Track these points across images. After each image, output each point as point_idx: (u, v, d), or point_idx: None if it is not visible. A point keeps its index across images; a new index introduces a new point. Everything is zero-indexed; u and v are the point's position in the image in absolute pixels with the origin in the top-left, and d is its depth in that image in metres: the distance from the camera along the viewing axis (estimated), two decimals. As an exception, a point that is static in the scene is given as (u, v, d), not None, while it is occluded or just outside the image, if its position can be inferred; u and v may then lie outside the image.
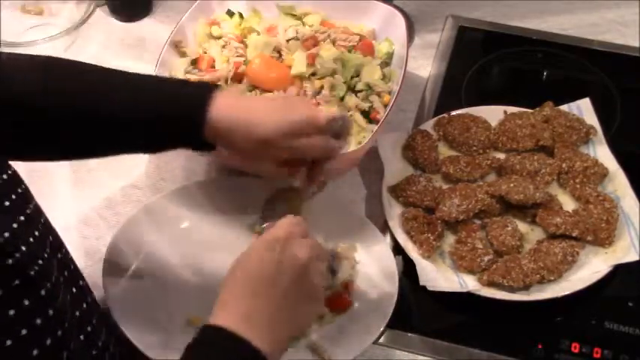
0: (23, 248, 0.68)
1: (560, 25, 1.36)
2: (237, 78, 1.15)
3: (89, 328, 0.78)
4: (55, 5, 1.36)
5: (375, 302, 0.99)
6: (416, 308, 1.02)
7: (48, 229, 0.77)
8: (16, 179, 0.73)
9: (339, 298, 0.99)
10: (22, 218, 0.70)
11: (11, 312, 0.65)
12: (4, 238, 0.66)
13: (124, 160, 1.17)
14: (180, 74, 1.16)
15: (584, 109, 1.17)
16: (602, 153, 1.12)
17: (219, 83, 1.13)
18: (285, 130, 0.86)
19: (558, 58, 1.31)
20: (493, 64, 1.31)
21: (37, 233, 0.72)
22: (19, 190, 0.72)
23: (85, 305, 0.79)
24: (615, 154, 1.12)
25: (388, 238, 1.06)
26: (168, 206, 1.08)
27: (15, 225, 0.69)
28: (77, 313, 0.76)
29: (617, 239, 1.04)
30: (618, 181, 1.09)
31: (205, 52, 1.19)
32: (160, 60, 1.13)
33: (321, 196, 1.09)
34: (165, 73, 1.15)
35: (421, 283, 0.99)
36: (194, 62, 1.18)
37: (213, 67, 1.17)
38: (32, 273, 0.68)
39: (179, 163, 1.17)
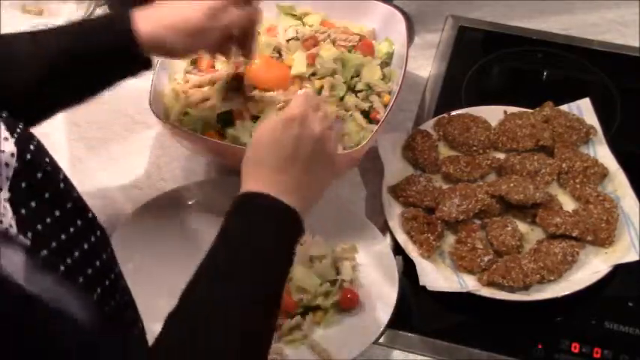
0: None
1: (560, 25, 1.36)
2: (238, 78, 1.14)
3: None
4: (55, 5, 1.36)
5: (375, 302, 0.99)
6: (416, 308, 1.02)
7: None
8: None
9: (345, 298, 0.99)
10: None
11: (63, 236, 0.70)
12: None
13: (124, 160, 1.18)
14: (180, 74, 1.16)
15: (584, 109, 1.17)
16: (602, 153, 1.12)
17: (218, 83, 1.13)
18: (208, 13, 0.92)
19: (558, 58, 1.31)
20: (493, 64, 1.31)
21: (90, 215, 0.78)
22: None
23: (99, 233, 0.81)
24: (615, 154, 1.12)
25: (388, 238, 1.06)
26: (167, 206, 1.08)
27: None
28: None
29: (617, 239, 1.04)
30: (618, 181, 1.09)
31: (205, 52, 1.19)
32: (160, 60, 1.13)
33: (321, 197, 1.09)
34: (165, 73, 1.15)
35: (421, 283, 0.99)
36: (194, 62, 1.18)
37: (213, 67, 1.17)
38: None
39: (179, 163, 1.17)
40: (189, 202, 1.09)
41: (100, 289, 0.73)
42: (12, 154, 0.67)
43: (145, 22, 0.91)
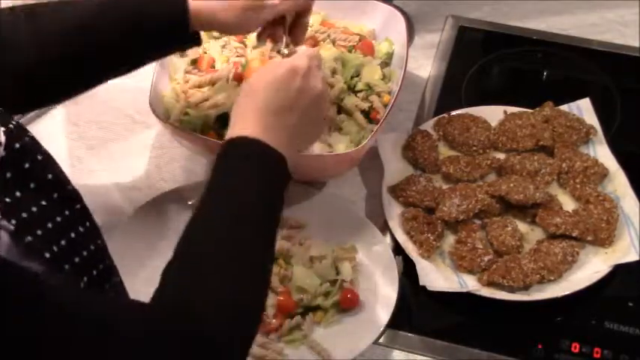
0: None
1: (560, 25, 1.36)
2: (238, 78, 1.14)
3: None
4: (55, 5, 1.36)
5: (375, 302, 0.99)
6: (416, 308, 1.02)
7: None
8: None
9: (345, 298, 0.99)
10: None
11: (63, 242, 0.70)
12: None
13: (124, 160, 1.18)
14: (180, 74, 1.16)
15: (584, 109, 1.17)
16: (602, 153, 1.12)
17: (218, 83, 1.13)
18: None
19: (558, 58, 1.31)
20: (493, 64, 1.31)
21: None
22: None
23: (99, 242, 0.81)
24: (615, 154, 1.12)
25: (388, 238, 1.06)
26: (168, 206, 1.08)
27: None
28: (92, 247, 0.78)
29: (617, 239, 1.04)
30: (618, 181, 1.09)
31: (205, 52, 1.19)
32: (160, 60, 1.13)
33: (321, 196, 1.09)
34: (165, 73, 1.15)
35: (421, 283, 0.99)
36: (194, 62, 1.18)
37: (213, 67, 1.17)
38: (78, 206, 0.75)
39: (179, 163, 1.17)
40: (189, 202, 1.08)
41: (86, 278, 0.72)
42: (0, 144, 0.68)
43: None
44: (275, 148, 0.80)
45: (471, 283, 1.01)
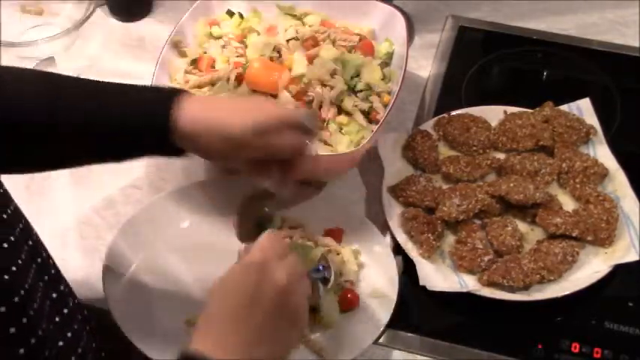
0: None
1: (560, 25, 1.36)
2: (238, 79, 1.14)
3: (69, 334, 0.77)
4: (55, 5, 1.36)
5: (375, 302, 0.99)
6: (416, 308, 1.02)
7: (27, 234, 0.76)
8: None
9: (345, 298, 0.99)
10: None
11: None
12: None
13: (124, 160, 1.18)
14: (180, 74, 1.16)
15: (584, 109, 1.17)
16: (602, 153, 1.12)
17: (218, 83, 1.13)
18: (257, 129, 0.84)
19: (558, 58, 1.31)
20: (493, 64, 1.31)
21: (12, 239, 0.71)
22: None
23: (65, 311, 0.78)
24: (615, 154, 1.12)
25: (388, 238, 1.06)
26: (169, 206, 1.08)
27: None
28: (57, 319, 0.75)
29: (617, 239, 1.04)
30: (618, 181, 1.09)
31: (205, 52, 1.19)
32: (160, 60, 1.13)
33: (321, 196, 1.09)
34: (165, 73, 1.15)
35: (421, 283, 0.99)
36: (194, 62, 1.18)
37: (213, 67, 1.17)
38: (6, 277, 0.66)
39: (179, 164, 1.17)
40: (190, 202, 1.08)
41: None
42: None
43: (189, 112, 0.83)
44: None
45: (471, 283, 1.01)
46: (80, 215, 1.12)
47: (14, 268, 0.68)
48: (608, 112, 1.20)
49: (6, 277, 0.67)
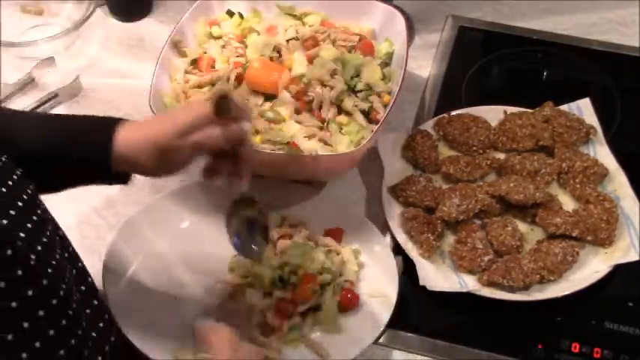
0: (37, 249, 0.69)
1: (560, 25, 1.36)
2: (238, 79, 1.15)
3: (101, 324, 0.78)
4: (55, 5, 1.36)
5: (375, 302, 0.99)
6: (416, 308, 1.02)
7: (55, 226, 0.77)
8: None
9: (345, 298, 0.99)
10: (34, 218, 0.72)
11: (25, 324, 0.66)
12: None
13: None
14: (180, 74, 1.16)
15: (584, 109, 1.17)
16: (602, 153, 1.12)
17: (220, 83, 1.13)
18: (178, 130, 0.86)
19: (558, 58, 1.31)
20: (493, 64, 1.31)
21: (48, 233, 0.73)
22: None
23: (95, 302, 0.79)
24: (615, 154, 1.12)
25: (388, 238, 1.06)
26: (169, 206, 1.08)
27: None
28: (88, 311, 0.76)
29: (617, 239, 1.04)
30: (618, 181, 1.09)
31: (205, 52, 1.19)
32: (160, 60, 1.13)
33: (321, 196, 1.09)
34: (165, 73, 1.15)
35: (421, 283, 0.99)
36: (194, 62, 1.18)
37: (213, 67, 1.17)
38: (50, 271, 0.69)
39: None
40: (190, 202, 1.08)
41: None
42: None
43: (122, 136, 0.86)
44: None
45: (471, 283, 1.01)
46: (80, 215, 1.12)
47: (54, 262, 0.70)
48: (608, 112, 1.20)
49: (50, 270, 0.69)
